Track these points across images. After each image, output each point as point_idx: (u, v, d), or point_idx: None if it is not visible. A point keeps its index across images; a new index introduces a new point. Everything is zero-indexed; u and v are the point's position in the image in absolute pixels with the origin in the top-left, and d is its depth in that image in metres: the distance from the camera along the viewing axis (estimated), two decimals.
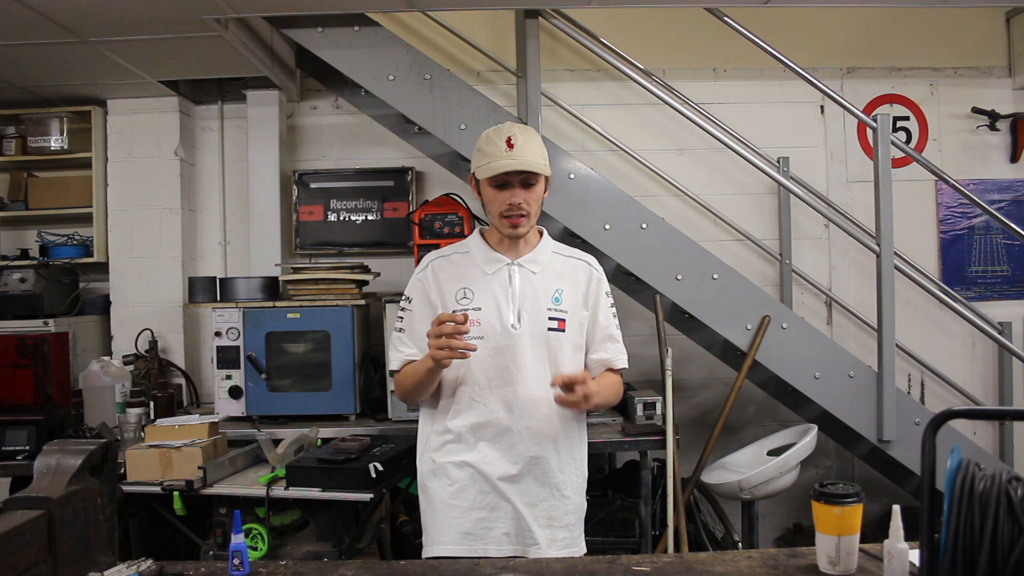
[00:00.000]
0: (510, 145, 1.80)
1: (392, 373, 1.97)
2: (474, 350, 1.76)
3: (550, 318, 1.88)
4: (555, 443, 1.89)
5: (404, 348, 1.92)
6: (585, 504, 2.01)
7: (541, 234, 1.99)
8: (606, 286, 2.00)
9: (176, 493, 2.58)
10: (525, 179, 1.84)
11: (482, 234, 1.98)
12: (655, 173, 3.92)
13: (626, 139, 3.85)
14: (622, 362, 1.98)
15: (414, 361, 1.89)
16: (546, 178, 1.90)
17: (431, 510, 1.93)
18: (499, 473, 1.87)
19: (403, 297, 1.97)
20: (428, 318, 1.84)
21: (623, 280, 3.54)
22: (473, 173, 1.90)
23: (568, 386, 1.73)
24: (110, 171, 3.84)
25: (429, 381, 1.85)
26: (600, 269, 2.01)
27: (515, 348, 1.85)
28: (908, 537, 1.30)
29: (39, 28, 2.90)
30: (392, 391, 3.10)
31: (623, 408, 3.29)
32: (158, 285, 3.84)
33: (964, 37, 4.07)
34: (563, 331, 1.89)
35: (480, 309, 1.86)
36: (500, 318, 1.86)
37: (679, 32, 3.97)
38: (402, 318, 1.95)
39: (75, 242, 3.98)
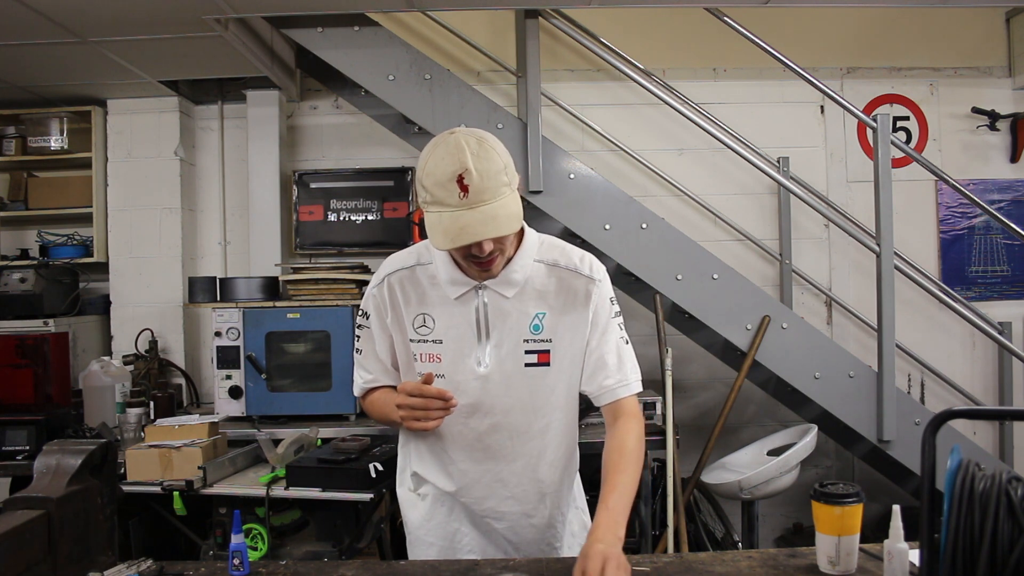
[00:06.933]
0: (463, 187, 1.31)
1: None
2: (454, 407, 1.46)
3: (527, 351, 1.52)
4: (540, 495, 1.62)
5: (363, 373, 1.65)
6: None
7: (521, 238, 1.55)
8: (608, 292, 1.58)
9: (176, 493, 2.58)
10: None
11: None
12: (655, 173, 3.91)
13: (626, 139, 3.84)
14: (631, 385, 1.58)
15: (377, 388, 1.64)
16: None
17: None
18: (473, 546, 1.62)
19: (359, 311, 1.65)
20: (383, 341, 1.61)
21: (623, 280, 3.54)
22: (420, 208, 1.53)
23: None
24: (110, 171, 3.84)
25: (396, 424, 1.57)
26: (600, 275, 1.57)
27: (483, 391, 1.53)
28: (908, 537, 1.30)
29: (39, 28, 2.90)
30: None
31: None
32: (158, 285, 3.84)
33: (964, 37, 4.07)
34: (548, 365, 1.53)
35: (441, 342, 1.53)
36: (462, 354, 1.53)
37: (679, 32, 3.97)
38: (359, 336, 1.64)
39: (75, 242, 3.98)
